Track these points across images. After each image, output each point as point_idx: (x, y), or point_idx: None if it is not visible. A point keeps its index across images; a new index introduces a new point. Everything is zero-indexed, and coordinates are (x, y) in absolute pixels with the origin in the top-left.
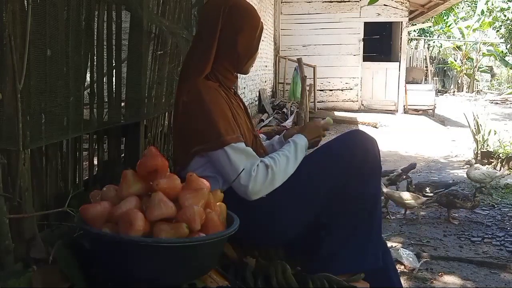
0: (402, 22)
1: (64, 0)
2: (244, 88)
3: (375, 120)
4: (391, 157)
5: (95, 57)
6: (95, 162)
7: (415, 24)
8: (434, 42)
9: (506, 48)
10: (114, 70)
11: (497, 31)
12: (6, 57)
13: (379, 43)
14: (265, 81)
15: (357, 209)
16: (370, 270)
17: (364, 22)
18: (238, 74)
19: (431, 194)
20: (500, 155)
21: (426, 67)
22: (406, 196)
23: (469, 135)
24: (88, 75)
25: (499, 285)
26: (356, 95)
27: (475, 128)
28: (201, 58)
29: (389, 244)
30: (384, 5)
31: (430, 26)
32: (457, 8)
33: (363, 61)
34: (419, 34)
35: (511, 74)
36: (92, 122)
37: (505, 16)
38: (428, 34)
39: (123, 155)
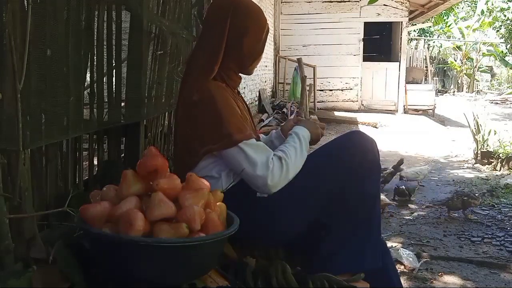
0: (402, 22)
1: (64, 0)
2: (244, 88)
3: (375, 120)
4: (391, 157)
5: (95, 57)
6: (95, 162)
7: (415, 24)
8: (434, 42)
9: (506, 48)
10: (114, 70)
11: (497, 31)
12: (6, 57)
13: (379, 43)
14: (265, 81)
15: (357, 209)
16: (370, 270)
17: (364, 22)
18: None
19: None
20: (500, 155)
21: (426, 67)
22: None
23: (469, 135)
24: (88, 75)
25: (499, 285)
26: (356, 95)
27: (475, 128)
28: (209, 59)
29: (389, 244)
30: (384, 5)
31: (430, 26)
32: (457, 8)
33: (363, 61)
34: (419, 34)
35: (511, 74)
36: (92, 122)
37: (505, 16)
38: (428, 34)
39: (123, 155)
